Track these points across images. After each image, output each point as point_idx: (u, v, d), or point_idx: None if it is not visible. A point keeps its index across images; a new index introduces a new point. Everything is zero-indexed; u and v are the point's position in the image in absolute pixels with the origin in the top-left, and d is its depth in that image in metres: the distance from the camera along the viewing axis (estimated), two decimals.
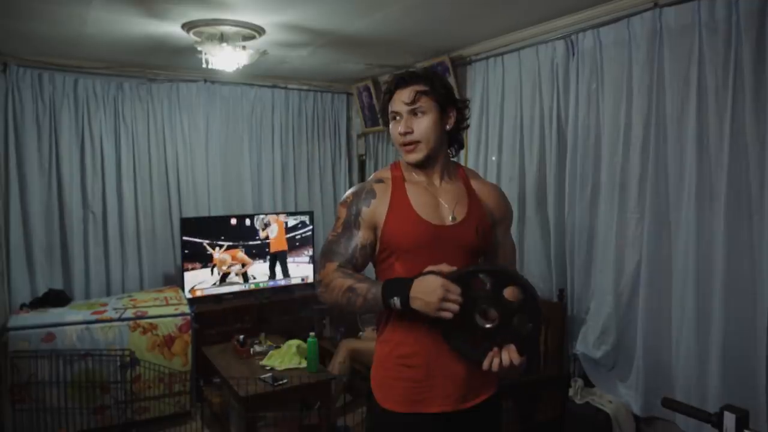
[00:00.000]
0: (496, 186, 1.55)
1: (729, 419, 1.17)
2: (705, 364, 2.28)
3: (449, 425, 1.37)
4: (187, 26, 2.86)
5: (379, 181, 1.42)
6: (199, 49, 2.97)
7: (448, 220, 1.37)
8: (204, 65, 3.02)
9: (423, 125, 1.35)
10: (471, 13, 2.77)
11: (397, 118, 1.38)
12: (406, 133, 1.35)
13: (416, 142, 1.36)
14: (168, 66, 3.88)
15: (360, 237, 1.37)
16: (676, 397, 2.32)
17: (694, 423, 2.26)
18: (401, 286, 1.25)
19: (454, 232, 1.36)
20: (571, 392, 2.67)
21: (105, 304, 3.32)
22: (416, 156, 1.37)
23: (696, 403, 2.22)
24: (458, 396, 1.36)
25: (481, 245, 1.40)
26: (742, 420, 1.16)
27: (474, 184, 1.47)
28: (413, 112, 1.35)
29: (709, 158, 2.26)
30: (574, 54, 2.79)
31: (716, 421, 1.20)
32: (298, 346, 3.08)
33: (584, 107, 2.75)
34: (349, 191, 1.44)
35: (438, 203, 1.39)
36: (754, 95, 2.08)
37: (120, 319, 3.14)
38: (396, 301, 1.24)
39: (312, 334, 3.00)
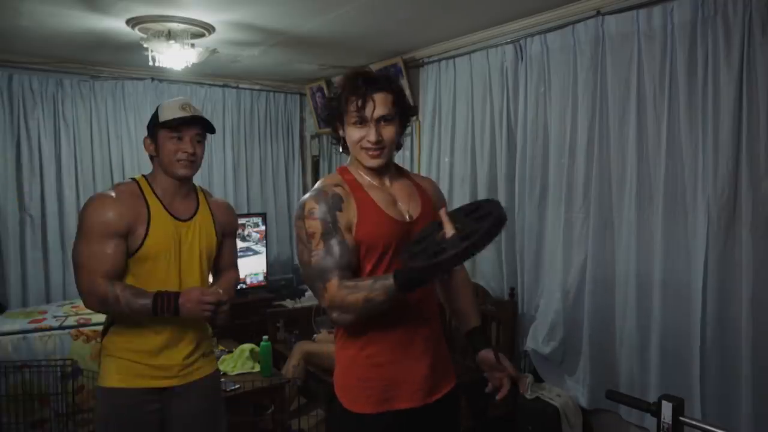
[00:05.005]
0: (431, 179, 1.64)
1: (666, 408, 1.23)
2: (646, 357, 2.39)
3: (417, 420, 1.39)
4: (132, 22, 2.76)
5: (337, 185, 1.38)
6: (145, 46, 2.87)
7: (406, 217, 1.40)
8: (151, 63, 2.92)
9: (389, 133, 1.36)
10: (424, 16, 2.80)
11: (367, 123, 1.33)
12: (378, 141, 1.34)
13: (382, 149, 1.36)
14: (112, 63, 3.73)
15: (348, 240, 1.31)
16: (620, 388, 2.42)
17: (636, 412, 2.36)
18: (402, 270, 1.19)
19: (415, 228, 1.39)
20: (521, 388, 2.74)
21: (44, 312, 3.16)
22: (380, 161, 1.37)
23: (638, 393, 2.32)
24: (425, 391, 1.39)
25: None
26: (678, 408, 1.22)
27: (417, 180, 1.53)
28: (383, 119, 1.34)
29: (647, 160, 2.37)
30: (522, 58, 2.87)
31: (655, 410, 1.26)
32: (251, 350, 3.02)
33: (533, 110, 2.83)
34: (309, 202, 1.33)
35: (395, 202, 1.41)
36: (688, 101, 2.20)
37: (61, 328, 2.98)
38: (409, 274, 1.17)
39: (265, 337, 2.95)
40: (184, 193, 1.73)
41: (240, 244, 4.15)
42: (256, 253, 4.23)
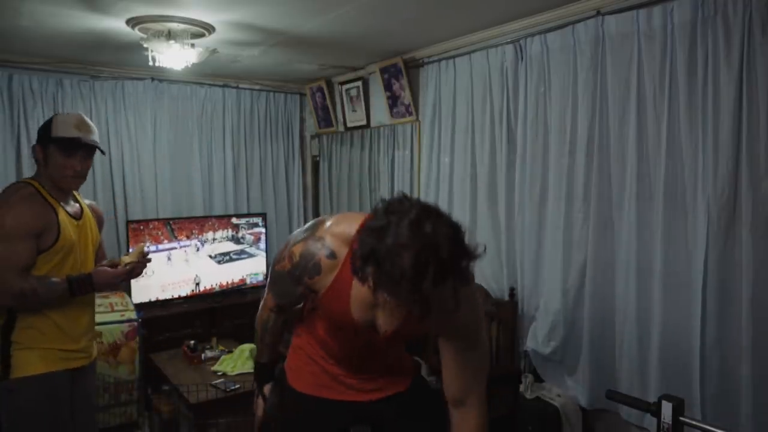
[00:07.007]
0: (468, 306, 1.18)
1: (666, 408, 1.23)
2: (646, 357, 2.39)
3: (360, 411, 1.48)
4: (132, 22, 2.76)
5: (332, 256, 1.25)
6: (145, 46, 2.87)
7: (376, 328, 1.25)
8: (151, 63, 2.92)
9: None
10: (424, 16, 2.80)
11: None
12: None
13: None
14: (112, 63, 3.73)
15: (299, 290, 1.37)
16: (620, 388, 2.42)
17: (636, 412, 2.36)
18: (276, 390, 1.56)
19: (377, 336, 1.27)
20: (522, 388, 2.74)
21: None
22: None
23: (638, 393, 2.32)
24: (366, 391, 1.48)
25: (413, 338, 1.50)
26: (678, 408, 1.23)
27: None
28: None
29: (647, 160, 2.37)
30: (522, 58, 2.87)
31: (655, 409, 1.27)
32: (251, 350, 3.02)
33: (533, 110, 2.83)
34: (300, 244, 1.29)
35: (376, 306, 1.21)
36: (688, 101, 2.20)
37: None
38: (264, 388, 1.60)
39: None
40: (70, 197, 1.93)
41: (233, 246, 4.15)
42: (250, 256, 4.21)
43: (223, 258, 4.10)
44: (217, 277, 4.05)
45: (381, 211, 1.04)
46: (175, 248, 3.87)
